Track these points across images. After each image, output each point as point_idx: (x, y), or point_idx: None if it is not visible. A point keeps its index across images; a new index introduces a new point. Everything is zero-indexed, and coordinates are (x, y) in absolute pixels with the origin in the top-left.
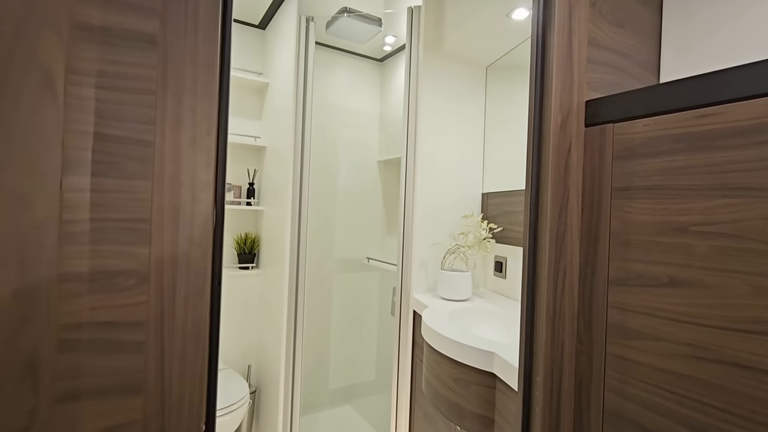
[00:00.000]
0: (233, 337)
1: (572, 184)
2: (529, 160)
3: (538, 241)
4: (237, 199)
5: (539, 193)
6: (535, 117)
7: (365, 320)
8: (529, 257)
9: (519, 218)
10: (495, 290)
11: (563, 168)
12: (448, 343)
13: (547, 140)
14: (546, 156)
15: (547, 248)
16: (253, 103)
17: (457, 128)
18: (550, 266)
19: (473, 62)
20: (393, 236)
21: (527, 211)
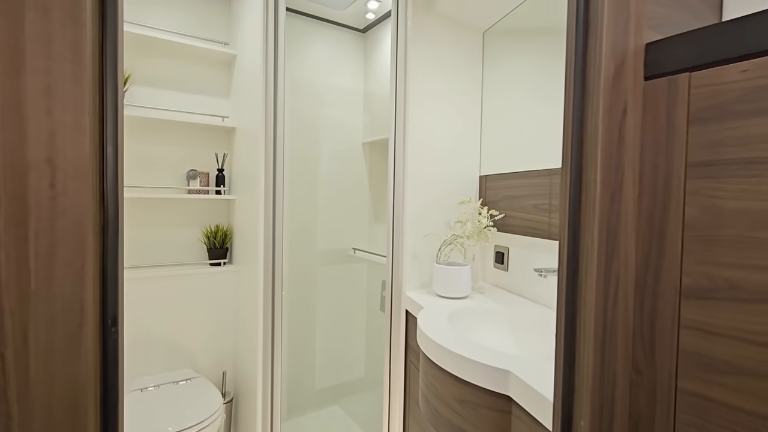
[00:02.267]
0: (206, 342)
1: (628, 159)
2: (567, 129)
3: (580, 237)
4: (204, 187)
5: (582, 173)
6: (575, 67)
7: (352, 315)
8: (568, 260)
9: (523, 204)
10: (495, 284)
11: (616, 138)
12: (451, 358)
13: (594, 99)
14: (592, 121)
15: (594, 247)
16: (219, 79)
17: (450, 103)
18: (599, 272)
19: (468, 27)
20: (381, 224)
21: (565, 197)
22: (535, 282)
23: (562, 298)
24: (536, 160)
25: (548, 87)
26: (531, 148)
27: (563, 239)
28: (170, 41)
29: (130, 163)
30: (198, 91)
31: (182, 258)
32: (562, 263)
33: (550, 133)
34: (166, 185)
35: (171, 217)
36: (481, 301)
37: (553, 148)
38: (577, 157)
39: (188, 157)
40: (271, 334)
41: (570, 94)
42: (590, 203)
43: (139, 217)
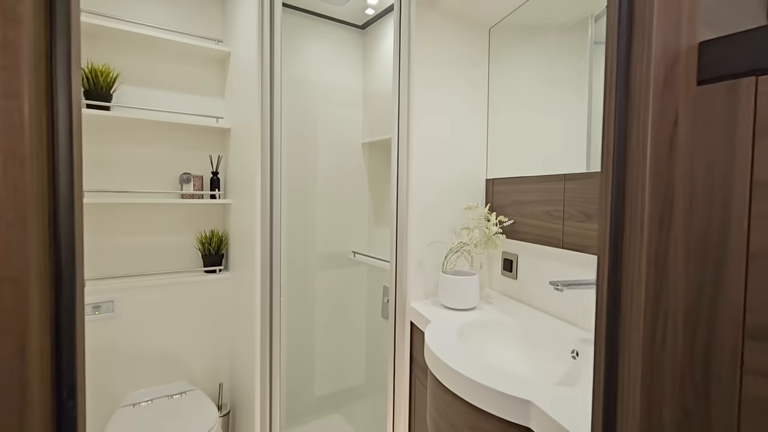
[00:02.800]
0: (202, 353)
1: (679, 176)
2: (608, 142)
3: (622, 267)
4: (198, 191)
5: (626, 192)
6: (617, 70)
7: (352, 320)
8: (608, 292)
9: (533, 210)
10: (503, 292)
11: (666, 151)
12: (465, 383)
13: (641, 107)
14: (638, 133)
15: (642, 279)
16: (213, 78)
17: (455, 102)
18: (646, 308)
19: (474, 22)
20: (381, 227)
21: (605, 219)
22: (546, 292)
23: (602, 336)
24: (548, 164)
25: (560, 86)
26: (542, 151)
27: (602, 269)
28: (161, 38)
29: (118, 167)
30: (191, 91)
31: (176, 265)
32: (601, 296)
33: (563, 136)
34: (157, 190)
35: (163, 223)
36: (490, 313)
37: (566, 152)
38: (620, 173)
39: (181, 160)
40: (269, 341)
41: (611, 102)
42: (636, 227)
43: (130, 223)
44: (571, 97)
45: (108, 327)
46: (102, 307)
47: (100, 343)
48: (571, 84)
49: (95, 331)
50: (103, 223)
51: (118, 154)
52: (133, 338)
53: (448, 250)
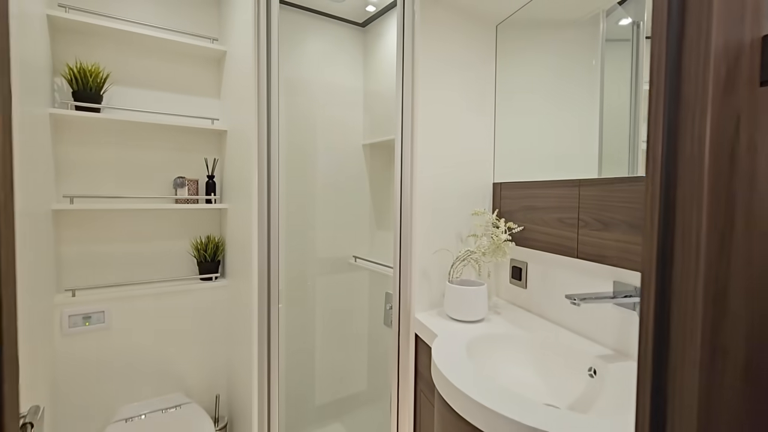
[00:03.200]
0: (198, 364)
1: (741, 193)
2: (655, 153)
3: (672, 297)
4: (193, 195)
5: (676, 211)
6: (666, 69)
7: (354, 327)
8: (655, 326)
9: (545, 216)
10: (511, 301)
11: (727, 164)
12: (478, 410)
13: (696, 111)
14: (693, 141)
15: (698, 311)
16: (208, 78)
17: (459, 102)
18: (703, 349)
19: (480, 18)
20: (382, 231)
21: (651, 242)
22: (559, 303)
23: (647, 376)
24: (559, 167)
25: (570, 86)
26: (552, 154)
27: (648, 299)
28: (153, 37)
29: (110, 172)
30: (185, 92)
31: (170, 273)
32: (646, 330)
33: (574, 138)
34: (151, 195)
35: (157, 229)
36: (500, 325)
37: (577, 155)
38: (669, 189)
39: (175, 163)
40: (267, 350)
41: (658, 105)
42: (691, 252)
43: (122, 229)
44: (582, 97)
45: (99, 338)
46: (93, 317)
47: (91, 355)
48: (582, 83)
49: (86, 343)
50: (93, 230)
51: (109, 158)
52: (125, 350)
53: (455, 258)
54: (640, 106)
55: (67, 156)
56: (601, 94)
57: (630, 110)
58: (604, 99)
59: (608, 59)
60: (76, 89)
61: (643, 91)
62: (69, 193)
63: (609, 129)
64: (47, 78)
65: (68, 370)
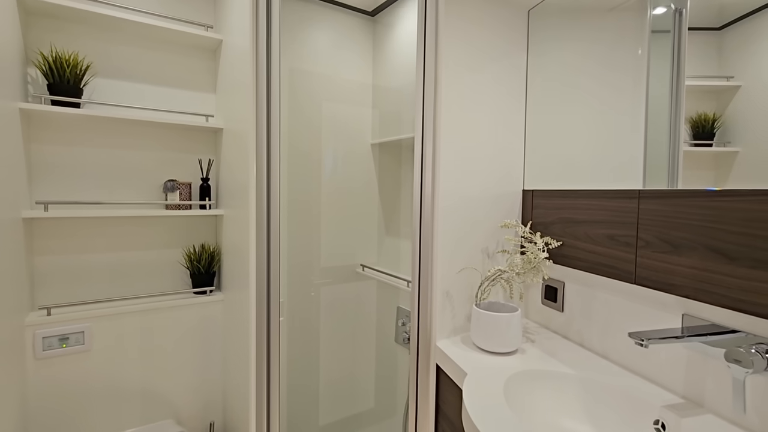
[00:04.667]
0: (190, 387)
1: None
2: None
3: None
4: (186, 201)
5: None
6: None
7: (361, 340)
8: None
9: (590, 232)
10: (544, 324)
11: None
12: None
13: None
14: None
15: None
16: (202, 70)
17: (487, 98)
18: None
19: (510, 4)
20: (392, 238)
21: None
22: (606, 332)
23: None
24: (608, 175)
25: (613, 79)
26: (598, 159)
27: None
28: (140, 23)
29: (90, 174)
30: (177, 85)
31: (160, 286)
32: None
33: (621, 140)
34: (138, 200)
35: (145, 238)
36: (537, 359)
37: (633, 160)
38: None
39: (166, 165)
40: (266, 370)
41: None
42: None
43: (105, 238)
44: (626, 92)
45: (78, 362)
46: (71, 338)
47: (69, 381)
48: (626, 77)
49: (63, 367)
50: (73, 239)
51: (91, 159)
52: (108, 373)
53: (483, 278)
54: (681, 105)
55: (41, 156)
56: (647, 90)
57: (670, 109)
58: (650, 94)
59: (656, 49)
60: (52, 81)
61: (685, 87)
62: (43, 198)
63: (655, 128)
64: (17, 68)
65: (43, 399)
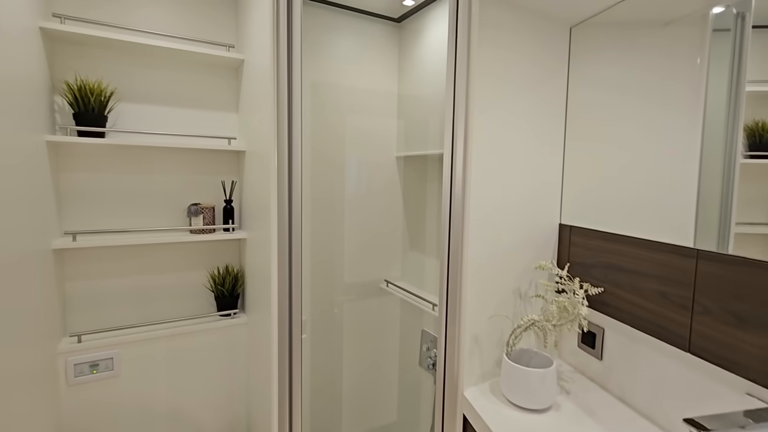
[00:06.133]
0: (216, 410)
1: None
2: None
3: None
4: (209, 225)
5: None
6: None
7: (384, 360)
8: None
9: (638, 284)
10: (579, 369)
11: None
12: None
13: None
14: None
15: None
16: (225, 90)
17: (521, 122)
18: None
19: (551, 20)
20: (416, 252)
21: None
22: (651, 391)
23: None
24: (657, 217)
25: (665, 106)
26: (646, 195)
27: None
28: (164, 48)
29: (116, 200)
30: (200, 106)
31: (185, 309)
32: None
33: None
34: (163, 226)
35: (170, 262)
36: (575, 419)
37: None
38: None
39: (190, 188)
40: (288, 390)
41: None
42: None
43: (131, 264)
44: (680, 120)
45: (108, 386)
46: (101, 365)
47: (99, 406)
48: (681, 100)
49: (94, 393)
50: (100, 264)
51: (116, 185)
52: (138, 397)
53: (516, 326)
54: (737, 134)
55: (68, 184)
56: (703, 123)
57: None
58: (706, 128)
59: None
60: (77, 111)
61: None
62: (72, 228)
63: (711, 167)
64: (44, 99)
65: (76, 423)
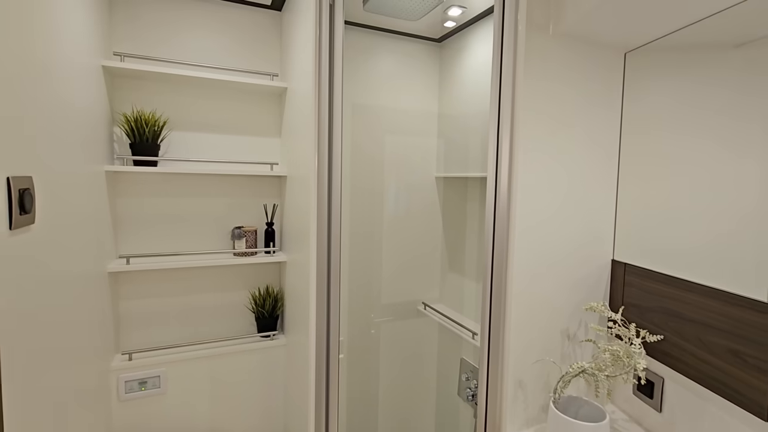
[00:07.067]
0: (254, 427)
1: None
2: None
3: None
4: (251, 249)
5: None
6: None
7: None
8: None
9: (703, 337)
10: (634, 417)
11: None
12: None
13: None
14: None
15: None
16: (268, 117)
17: (569, 153)
18: None
19: (603, 47)
20: (455, 274)
21: None
22: None
23: None
24: (726, 260)
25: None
26: (712, 233)
27: None
28: (213, 79)
29: (166, 224)
30: (245, 132)
31: (227, 329)
32: None
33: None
34: (208, 248)
35: (214, 282)
36: None
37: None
38: None
39: (234, 211)
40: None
41: None
42: None
43: (179, 284)
44: (752, 149)
45: (155, 403)
46: (148, 382)
47: (147, 421)
48: (754, 127)
49: (142, 409)
50: (148, 284)
51: (166, 210)
52: (182, 415)
53: (563, 372)
54: None
55: (122, 210)
56: None
57: None
58: None
59: None
60: (134, 141)
61: None
62: (125, 251)
63: None
64: (105, 130)
65: None
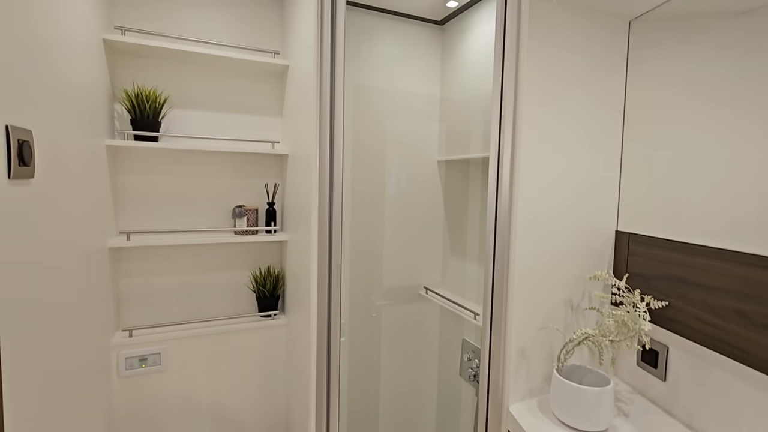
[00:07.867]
0: (256, 408)
1: None
2: None
3: None
4: (252, 227)
5: None
6: None
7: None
8: None
9: (710, 300)
10: (638, 389)
11: None
12: None
13: None
14: None
15: None
16: (270, 96)
17: (574, 121)
18: None
19: (607, 14)
20: (456, 258)
21: None
22: (729, 423)
23: None
24: (733, 227)
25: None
26: (720, 202)
27: None
28: (214, 55)
29: (166, 200)
30: (245, 111)
31: (227, 307)
32: None
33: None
34: (210, 227)
35: (215, 261)
36: None
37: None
38: None
39: (235, 190)
40: (326, 391)
41: None
42: None
43: (179, 262)
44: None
45: (155, 381)
46: (149, 359)
47: (147, 398)
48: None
49: (142, 387)
50: (149, 262)
51: (167, 187)
52: (182, 392)
53: (567, 340)
54: None
55: (123, 186)
56: None
57: None
58: None
59: None
60: (134, 117)
61: None
62: (126, 227)
63: None
64: (106, 106)
65: (125, 414)
